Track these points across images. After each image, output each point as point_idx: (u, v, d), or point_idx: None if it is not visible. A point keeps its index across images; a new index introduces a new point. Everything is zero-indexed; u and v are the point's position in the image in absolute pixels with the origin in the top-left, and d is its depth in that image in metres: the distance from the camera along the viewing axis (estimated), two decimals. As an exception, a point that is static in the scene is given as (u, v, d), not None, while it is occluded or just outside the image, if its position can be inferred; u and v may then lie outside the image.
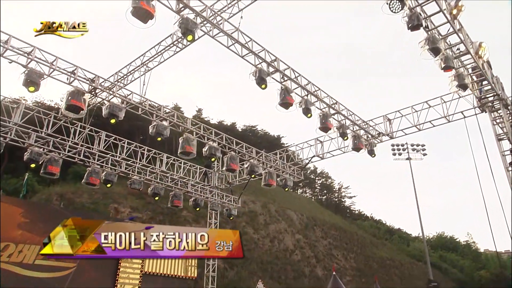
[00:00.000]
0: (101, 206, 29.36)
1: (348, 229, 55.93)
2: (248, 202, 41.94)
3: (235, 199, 17.94)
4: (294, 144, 16.99)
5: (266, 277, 34.46)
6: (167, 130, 11.65)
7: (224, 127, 56.21)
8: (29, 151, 11.77)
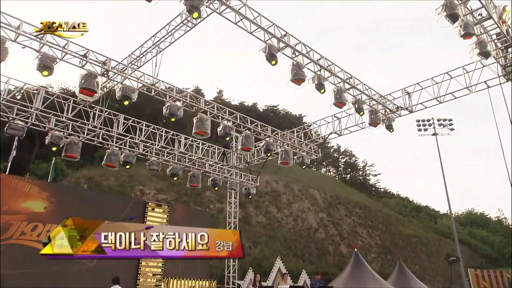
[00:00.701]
0: (127, 188, 30.12)
1: (373, 207, 55.44)
2: (271, 182, 42.09)
3: (254, 178, 17.96)
4: (311, 122, 16.74)
5: (290, 255, 34.76)
6: (181, 110, 11.66)
7: (245, 108, 56.15)
8: (50, 135, 12.09)
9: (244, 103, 59.10)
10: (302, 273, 14.30)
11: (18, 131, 11.44)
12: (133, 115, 17.40)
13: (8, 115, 11.46)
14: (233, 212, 18.20)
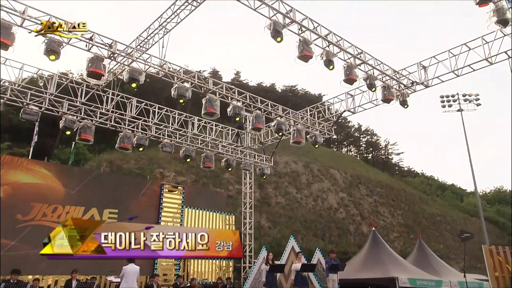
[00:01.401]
0: (147, 171, 30.67)
1: (395, 186, 54.71)
2: (290, 162, 42.03)
3: (268, 159, 17.93)
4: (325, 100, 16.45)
5: (310, 235, 34.89)
6: (189, 91, 11.65)
7: (263, 89, 55.82)
8: (63, 119, 12.36)
9: (262, 84, 58.74)
10: (315, 252, 14.28)
11: (33, 116, 11.74)
12: (151, 99, 17.53)
13: (22, 100, 11.75)
14: (248, 193, 18.30)
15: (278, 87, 61.21)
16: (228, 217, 17.57)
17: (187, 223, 16.05)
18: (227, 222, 17.37)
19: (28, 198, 12.62)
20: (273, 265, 11.73)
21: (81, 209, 13.93)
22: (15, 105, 12.12)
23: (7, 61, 11.78)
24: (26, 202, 12.53)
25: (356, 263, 19.91)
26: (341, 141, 69.39)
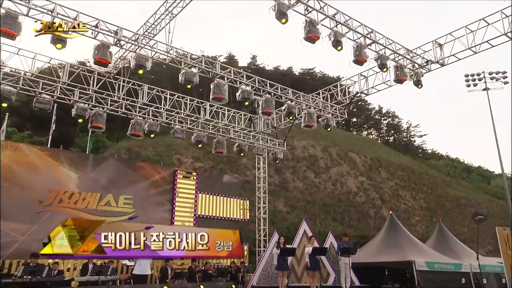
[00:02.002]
0: (165, 157, 31.12)
1: (417, 169, 53.80)
2: (308, 147, 41.82)
3: (281, 143, 17.85)
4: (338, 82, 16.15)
5: (328, 219, 34.85)
6: (196, 77, 11.64)
7: (280, 73, 55.41)
8: (75, 107, 12.60)
9: (279, 67, 58.27)
10: (328, 235, 14.26)
11: (45, 105, 12.02)
12: (168, 87, 17.60)
13: (35, 89, 12.03)
14: (262, 178, 18.35)
15: (295, 71, 60.66)
16: (242, 202, 17.69)
17: (201, 209, 16.28)
18: (242, 207, 17.50)
19: (45, 185, 13.00)
20: (284, 248, 11.79)
21: (97, 195, 14.28)
22: (30, 94, 12.42)
23: (20, 51, 12.07)
24: (43, 189, 12.92)
25: (372, 246, 19.79)
26: (361, 124, 68.46)
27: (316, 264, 11.85)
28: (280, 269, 11.78)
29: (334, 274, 13.04)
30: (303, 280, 12.62)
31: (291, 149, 40.20)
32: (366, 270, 18.29)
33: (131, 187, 14.99)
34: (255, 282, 12.47)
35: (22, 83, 11.80)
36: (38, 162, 13.19)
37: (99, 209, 14.12)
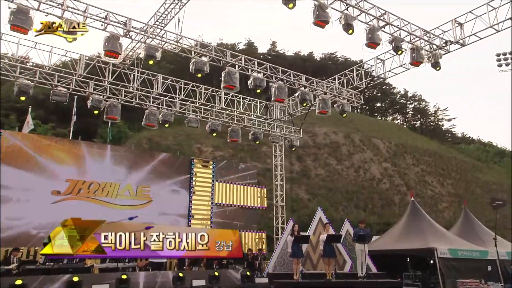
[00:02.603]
0: (185, 147, 31.59)
1: (445, 154, 52.50)
2: (329, 133, 41.46)
3: (297, 130, 17.78)
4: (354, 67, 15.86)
5: (351, 206, 34.65)
6: (207, 65, 11.72)
7: (300, 58, 54.83)
8: (90, 99, 12.95)
9: (299, 53, 57.57)
10: (344, 222, 14.22)
11: (62, 97, 12.39)
12: (187, 75, 17.71)
13: (51, 82, 12.42)
14: (279, 166, 18.39)
15: (316, 55, 59.83)
16: (260, 190, 17.80)
17: (218, 197, 16.50)
18: (259, 195, 17.62)
19: (64, 176, 13.47)
20: (298, 236, 11.86)
21: (116, 185, 14.68)
22: (46, 87, 12.84)
23: (37, 45, 12.48)
24: (62, 179, 13.39)
25: (393, 233, 19.61)
26: (385, 109, 67.13)
27: (331, 251, 11.86)
28: (294, 256, 11.87)
29: (350, 261, 13.05)
30: (318, 267, 12.69)
31: (312, 136, 39.98)
32: (387, 258, 18.18)
33: (149, 176, 15.31)
34: (270, 269, 12.62)
35: (39, 77, 12.19)
36: (58, 153, 13.65)
37: (118, 198, 14.54)
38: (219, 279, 11.56)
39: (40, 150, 13.21)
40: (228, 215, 16.60)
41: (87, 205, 13.81)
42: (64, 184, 13.34)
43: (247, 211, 17.08)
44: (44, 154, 13.25)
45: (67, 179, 13.45)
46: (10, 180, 12.38)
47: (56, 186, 13.12)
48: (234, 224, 16.41)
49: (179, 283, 10.78)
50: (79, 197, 13.73)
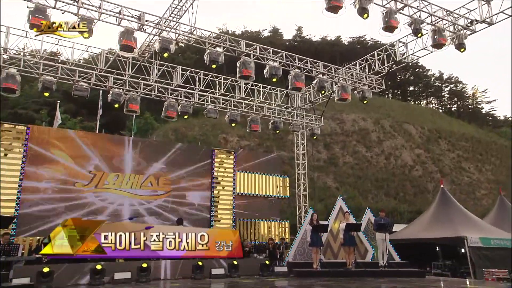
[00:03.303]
0: (210, 137, 32.08)
1: (484, 139, 50.56)
2: (358, 120, 40.85)
3: (318, 118, 17.68)
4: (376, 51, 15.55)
5: (381, 194, 34.21)
6: (221, 56, 11.85)
7: (327, 43, 53.93)
8: (110, 93, 13.42)
9: (326, 37, 56.57)
10: (366, 211, 14.12)
11: (83, 92, 12.92)
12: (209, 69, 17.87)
13: (73, 78, 12.97)
14: (301, 154, 18.40)
15: (344, 40, 58.61)
16: (282, 179, 17.90)
17: (240, 187, 16.74)
18: (281, 184, 17.73)
19: (88, 168, 14.09)
20: (316, 225, 11.93)
21: (140, 177, 15.19)
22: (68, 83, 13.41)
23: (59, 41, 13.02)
24: (87, 171, 14.01)
25: (422, 222, 19.30)
26: (419, 93, 65.10)
27: (351, 240, 11.88)
28: (313, 245, 11.98)
29: (372, 250, 12.99)
30: (339, 256, 12.72)
31: (340, 123, 39.54)
32: (416, 247, 17.95)
33: (170, 167, 15.72)
34: (290, 258, 12.77)
35: (61, 73, 12.74)
36: (83, 146, 14.25)
37: (143, 189, 15.05)
38: (238, 268, 11.87)
39: (66, 144, 13.82)
40: (250, 204, 16.84)
41: (113, 196, 14.41)
42: (90, 176, 13.94)
43: (270, 201, 17.25)
44: (70, 148, 13.86)
45: (92, 171, 14.03)
46: (39, 174, 13.11)
47: (82, 179, 13.73)
48: (256, 213, 16.65)
49: (199, 272, 11.16)
50: (105, 189, 14.32)
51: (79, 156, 13.91)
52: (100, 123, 22.85)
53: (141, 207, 14.63)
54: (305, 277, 11.33)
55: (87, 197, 13.90)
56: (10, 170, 12.58)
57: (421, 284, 9.50)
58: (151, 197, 15.20)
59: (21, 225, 12.44)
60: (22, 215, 12.54)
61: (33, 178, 13.01)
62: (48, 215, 13.05)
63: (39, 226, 12.77)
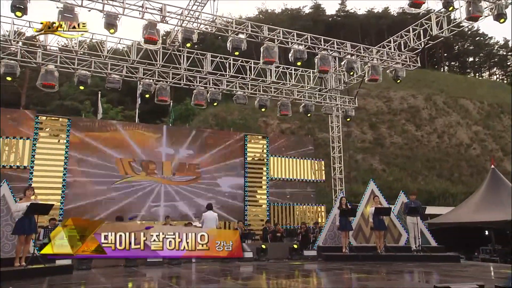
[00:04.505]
0: (250, 121, 32.76)
1: (556, 112, 47.05)
2: (407, 97, 39.63)
3: (351, 99, 17.62)
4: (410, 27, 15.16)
5: (433, 175, 33.30)
6: (244, 42, 12.23)
7: (374, 16, 52.13)
8: (141, 83, 14.32)
9: (373, 10, 54.60)
10: (399, 194, 14.10)
11: (115, 84, 13.92)
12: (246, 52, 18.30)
13: (105, 71, 13.99)
14: (336, 137, 18.49)
15: (392, 11, 56.26)
16: (316, 163, 18.16)
17: (274, 172, 17.25)
18: (316, 168, 18.01)
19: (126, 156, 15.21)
20: (343, 209, 12.20)
21: (172, 164, 16.13)
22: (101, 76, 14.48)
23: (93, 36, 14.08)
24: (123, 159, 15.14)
25: (470, 205, 18.87)
26: (480, 63, 61.38)
27: (381, 224, 12.02)
28: (342, 229, 12.29)
29: (406, 234, 13.04)
30: (371, 240, 12.92)
31: (386, 102, 38.61)
32: (463, 231, 17.67)
33: (201, 154, 16.51)
34: (321, 242, 13.16)
35: (94, 66, 13.80)
36: (119, 136, 15.37)
37: (176, 176, 16.01)
38: (267, 252, 12.51)
39: (103, 134, 15.01)
40: (284, 189, 17.32)
41: (147, 183, 15.49)
42: (127, 164, 15.06)
43: (304, 185, 17.63)
44: (107, 138, 15.03)
45: (129, 159, 15.14)
46: (80, 163, 14.41)
47: (119, 167, 14.88)
48: (290, 198, 17.13)
49: (227, 255, 11.94)
50: (140, 176, 15.41)
51: (116, 146, 15.03)
52: (140, 111, 24.21)
53: (174, 193, 15.59)
54: (333, 261, 11.70)
55: (124, 184, 15.06)
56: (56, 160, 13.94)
57: (447, 269, 9.55)
58: (183, 183, 16.10)
59: (66, 212, 13.82)
60: (68, 203, 13.92)
61: (75, 168, 14.32)
62: (90, 202, 14.37)
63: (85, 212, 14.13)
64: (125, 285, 8.02)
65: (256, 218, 16.60)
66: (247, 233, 14.11)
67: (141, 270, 10.03)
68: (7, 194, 10.03)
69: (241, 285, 7.98)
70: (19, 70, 13.09)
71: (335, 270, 9.80)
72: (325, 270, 10.02)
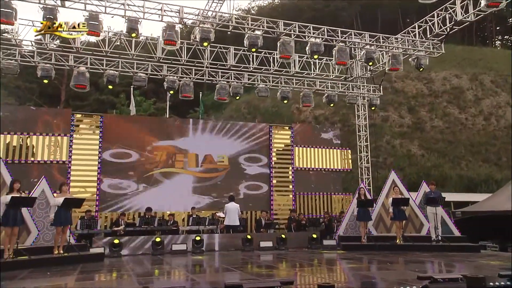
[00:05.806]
0: (282, 108, 33.42)
1: None
2: (449, 77, 38.67)
3: (376, 88, 17.90)
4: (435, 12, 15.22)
5: (477, 160, 32.69)
6: (260, 39, 12.93)
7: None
8: (166, 80, 15.45)
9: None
10: (421, 184, 14.43)
11: (142, 82, 15.14)
12: None
13: (132, 70, 15.23)
14: (362, 126, 18.89)
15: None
16: (344, 151, 18.69)
17: (299, 162, 18.01)
18: (344, 157, 18.57)
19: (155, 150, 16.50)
20: (360, 200, 12.82)
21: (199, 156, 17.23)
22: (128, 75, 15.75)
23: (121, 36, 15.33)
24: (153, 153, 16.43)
25: (503, 193, 18.73)
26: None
27: (400, 214, 12.54)
28: (360, 219, 12.98)
29: (428, 224, 13.45)
30: (392, 230, 13.48)
31: (427, 83, 37.90)
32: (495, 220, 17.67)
33: (226, 146, 17.52)
34: (341, 231, 13.89)
35: (121, 66, 15.06)
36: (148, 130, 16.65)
37: (203, 168, 17.14)
38: (286, 241, 13.41)
39: (134, 128, 16.35)
40: (310, 179, 18.05)
41: (177, 175, 16.74)
42: (156, 157, 16.36)
43: (330, 174, 18.27)
44: (138, 132, 16.36)
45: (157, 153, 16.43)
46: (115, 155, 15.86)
47: (149, 160, 16.21)
48: (316, 187, 17.86)
49: (248, 244, 12.99)
50: (170, 168, 16.68)
51: (144, 140, 16.35)
52: (171, 103, 25.59)
53: (200, 185, 16.75)
54: (351, 250, 12.44)
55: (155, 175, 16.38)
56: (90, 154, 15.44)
57: (461, 259, 10.04)
58: (211, 174, 17.23)
59: (101, 203, 15.34)
60: (102, 194, 15.44)
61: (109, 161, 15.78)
62: (124, 193, 15.82)
63: (118, 203, 15.62)
64: (152, 271, 9.19)
65: (282, 208, 17.49)
66: (270, 223, 15.06)
67: (166, 258, 11.23)
68: (46, 189, 11.50)
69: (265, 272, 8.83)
70: (54, 73, 14.58)
71: (341, 259, 10.63)
72: (331, 259, 10.83)
